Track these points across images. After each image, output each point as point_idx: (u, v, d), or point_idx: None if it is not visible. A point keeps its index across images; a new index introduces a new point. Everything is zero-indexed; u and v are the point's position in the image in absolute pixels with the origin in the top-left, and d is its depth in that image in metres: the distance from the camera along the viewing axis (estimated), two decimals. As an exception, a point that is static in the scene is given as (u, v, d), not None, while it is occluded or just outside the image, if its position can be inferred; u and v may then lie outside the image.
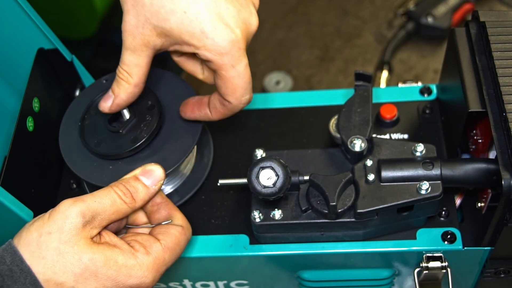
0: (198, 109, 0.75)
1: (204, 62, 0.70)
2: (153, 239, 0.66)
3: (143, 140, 0.74)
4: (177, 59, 0.75)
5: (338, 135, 0.75)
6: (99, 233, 0.65)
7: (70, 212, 0.62)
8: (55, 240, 0.61)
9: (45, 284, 0.60)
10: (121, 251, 0.64)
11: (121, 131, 0.75)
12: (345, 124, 0.74)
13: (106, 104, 0.73)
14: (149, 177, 0.68)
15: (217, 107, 0.73)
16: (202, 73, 0.76)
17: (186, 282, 0.82)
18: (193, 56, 0.73)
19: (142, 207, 0.70)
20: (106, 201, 0.65)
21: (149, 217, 0.71)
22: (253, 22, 0.69)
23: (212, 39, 0.66)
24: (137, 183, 0.68)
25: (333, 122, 0.78)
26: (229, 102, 0.71)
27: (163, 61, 0.83)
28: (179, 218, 0.70)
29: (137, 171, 0.69)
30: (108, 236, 0.65)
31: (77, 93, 0.86)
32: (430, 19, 1.15)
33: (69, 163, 0.75)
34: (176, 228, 0.68)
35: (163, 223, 0.70)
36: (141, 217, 0.71)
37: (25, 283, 0.60)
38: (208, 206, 0.79)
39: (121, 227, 0.70)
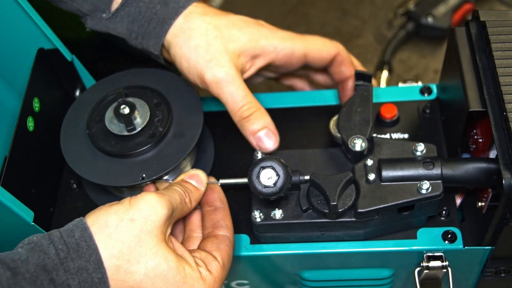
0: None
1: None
2: (211, 257, 0.65)
3: (163, 133, 0.74)
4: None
5: (338, 135, 0.75)
6: (169, 239, 0.64)
7: (156, 203, 0.61)
8: (137, 227, 0.60)
9: (113, 270, 0.58)
10: (187, 261, 0.63)
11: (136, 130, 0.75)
12: (346, 123, 0.74)
13: (270, 143, 0.75)
14: (195, 180, 0.70)
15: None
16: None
17: (187, 282, 0.81)
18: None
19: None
20: (177, 198, 0.66)
21: (204, 215, 0.71)
22: None
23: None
24: (188, 185, 0.69)
25: (333, 122, 0.78)
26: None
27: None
28: (229, 227, 0.70)
29: (183, 176, 0.71)
30: (177, 244, 0.65)
31: (77, 93, 0.86)
32: (430, 19, 1.15)
33: (70, 162, 0.75)
34: (225, 242, 0.68)
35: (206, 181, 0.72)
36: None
37: (89, 260, 0.57)
38: (209, 206, 0.79)
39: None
